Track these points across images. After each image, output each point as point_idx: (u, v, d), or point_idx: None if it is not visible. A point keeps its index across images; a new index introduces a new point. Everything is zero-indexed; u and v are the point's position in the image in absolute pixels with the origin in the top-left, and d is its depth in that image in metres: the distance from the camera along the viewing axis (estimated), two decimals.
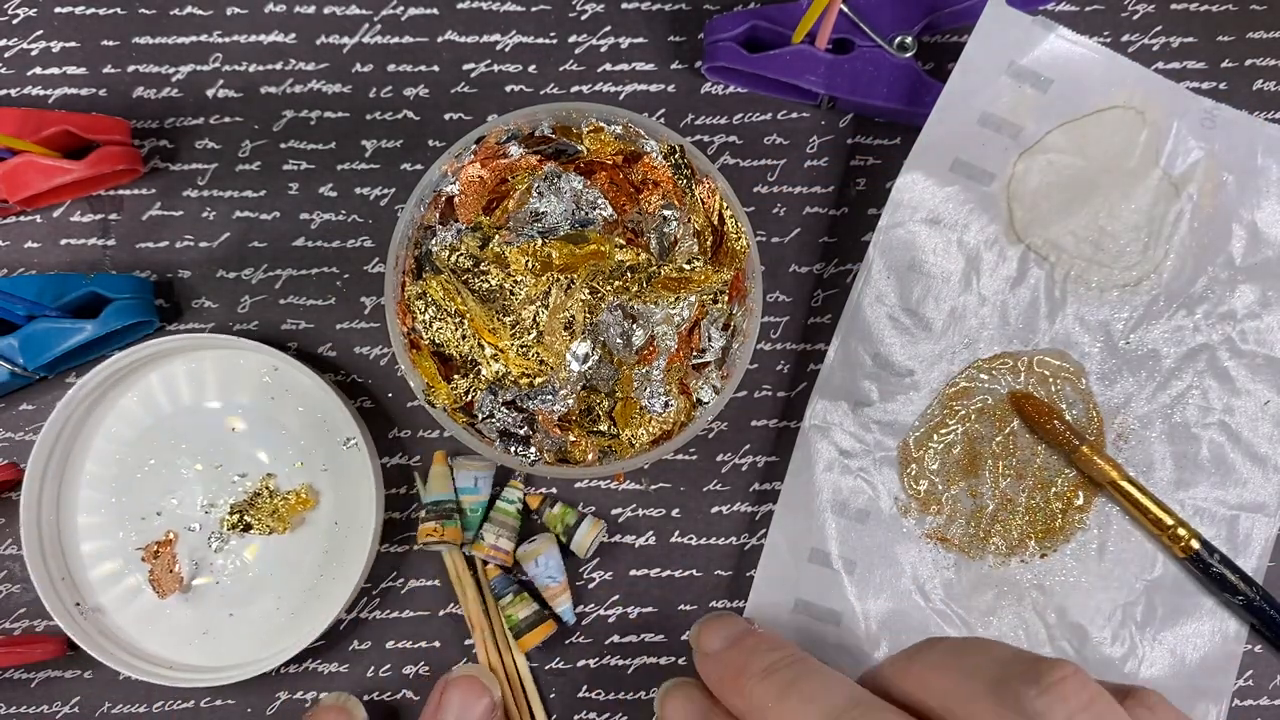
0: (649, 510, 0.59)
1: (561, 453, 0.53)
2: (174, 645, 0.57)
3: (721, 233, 0.53)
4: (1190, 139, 0.57)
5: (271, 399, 0.58)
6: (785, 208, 0.61)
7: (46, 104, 0.60)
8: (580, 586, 0.59)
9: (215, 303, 0.60)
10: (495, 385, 0.52)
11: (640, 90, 0.61)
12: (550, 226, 0.52)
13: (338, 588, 0.57)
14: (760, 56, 0.57)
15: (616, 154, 0.54)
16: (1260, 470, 0.58)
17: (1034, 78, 0.56)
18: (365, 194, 0.60)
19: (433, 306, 0.51)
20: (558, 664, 0.59)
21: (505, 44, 0.61)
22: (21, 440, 0.59)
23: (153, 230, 0.60)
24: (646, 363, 0.53)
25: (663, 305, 0.52)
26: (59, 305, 0.56)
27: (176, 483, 0.58)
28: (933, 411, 0.58)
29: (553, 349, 0.50)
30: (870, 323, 0.57)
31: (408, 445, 0.60)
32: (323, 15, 0.61)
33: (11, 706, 0.58)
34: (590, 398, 0.53)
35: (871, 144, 0.61)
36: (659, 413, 0.52)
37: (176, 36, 0.61)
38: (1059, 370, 0.58)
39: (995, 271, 0.58)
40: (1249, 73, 0.62)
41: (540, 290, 0.50)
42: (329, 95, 0.61)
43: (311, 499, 0.58)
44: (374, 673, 0.58)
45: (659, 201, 0.53)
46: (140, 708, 0.58)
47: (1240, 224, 0.58)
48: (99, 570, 0.58)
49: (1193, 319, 0.58)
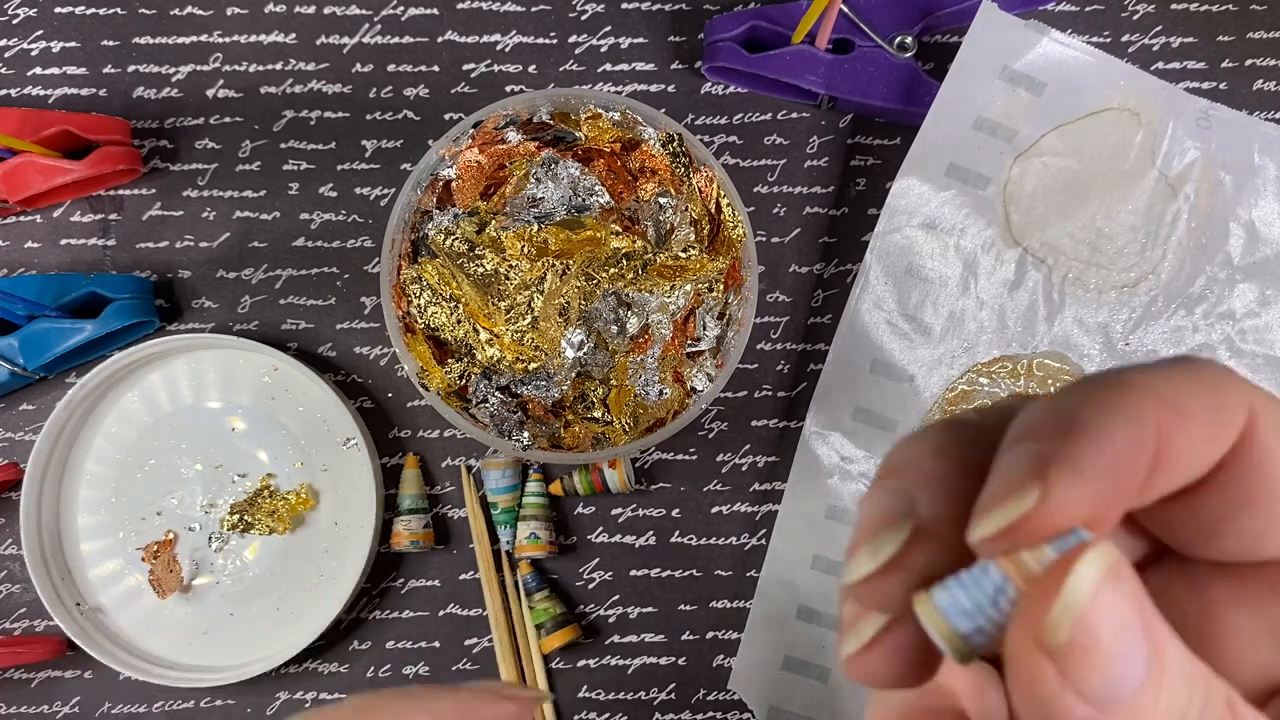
0: (649, 510, 0.59)
1: (555, 438, 0.53)
2: (174, 645, 0.57)
3: (718, 221, 0.53)
4: (1186, 139, 0.57)
5: (271, 399, 0.58)
6: (785, 208, 0.61)
7: (46, 104, 0.60)
8: (580, 587, 0.59)
9: (215, 303, 0.60)
10: (490, 370, 0.52)
11: (640, 90, 0.61)
12: (547, 212, 0.53)
13: (338, 588, 0.57)
14: (760, 56, 0.57)
15: (614, 141, 0.54)
16: None
17: (1028, 81, 0.57)
18: (365, 194, 0.61)
19: (428, 290, 0.51)
20: (558, 664, 0.59)
21: (505, 44, 0.61)
22: (21, 440, 0.59)
23: (153, 230, 0.60)
24: (641, 350, 0.53)
25: (658, 293, 0.52)
26: (59, 305, 0.56)
27: (176, 483, 0.58)
28: (933, 416, 0.58)
29: (547, 335, 0.50)
30: (869, 328, 0.57)
31: (408, 445, 0.60)
32: (323, 15, 0.61)
33: (11, 706, 0.58)
34: (584, 384, 0.53)
35: (871, 144, 0.62)
36: (653, 400, 0.52)
37: (176, 36, 0.61)
38: (1059, 373, 0.58)
39: (993, 275, 0.58)
40: (1249, 73, 0.62)
41: (536, 275, 0.50)
42: (329, 95, 0.61)
43: (311, 499, 0.58)
44: (374, 673, 0.58)
45: (655, 189, 0.53)
46: (140, 708, 0.58)
47: (1238, 223, 0.58)
48: (99, 570, 0.58)
49: (1192, 319, 0.58)
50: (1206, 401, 0.16)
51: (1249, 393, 0.16)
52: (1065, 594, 0.14)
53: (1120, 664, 0.14)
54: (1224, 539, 0.17)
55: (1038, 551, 0.15)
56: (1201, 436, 0.16)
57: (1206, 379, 0.16)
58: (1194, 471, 0.16)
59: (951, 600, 0.15)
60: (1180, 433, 0.15)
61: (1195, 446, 0.16)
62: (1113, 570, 0.14)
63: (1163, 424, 0.15)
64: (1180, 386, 0.16)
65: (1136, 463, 0.15)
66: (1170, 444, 0.15)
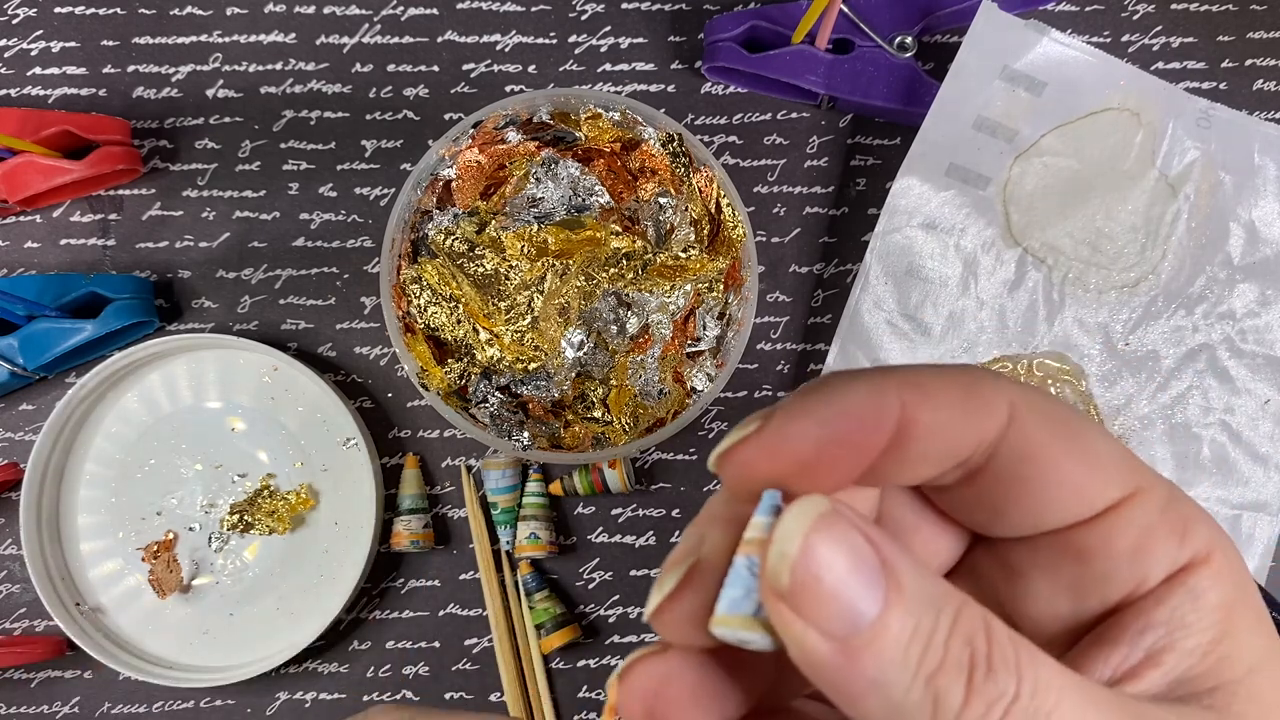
0: (649, 510, 0.59)
1: (555, 439, 0.53)
2: (174, 645, 0.57)
3: (718, 221, 0.53)
4: (1186, 139, 0.57)
5: (271, 399, 0.58)
6: (785, 208, 0.61)
7: (46, 104, 0.60)
8: (580, 587, 0.59)
9: (215, 303, 0.60)
10: (490, 370, 0.52)
11: (640, 90, 0.61)
12: (547, 212, 0.53)
13: (338, 588, 0.57)
14: (760, 56, 0.57)
15: (614, 141, 0.54)
16: (1261, 469, 0.58)
17: (1028, 81, 0.57)
18: (365, 194, 0.61)
19: (428, 290, 0.51)
20: (558, 664, 0.59)
21: (505, 44, 0.61)
22: (21, 440, 0.59)
23: (153, 230, 0.60)
24: (641, 350, 0.53)
25: (658, 293, 0.52)
26: (59, 305, 0.56)
27: (176, 483, 0.58)
28: None
29: (547, 335, 0.50)
30: (869, 329, 0.57)
31: (408, 445, 0.60)
32: (323, 15, 0.61)
33: (11, 706, 0.58)
34: (584, 384, 0.53)
35: (871, 144, 0.62)
36: (653, 400, 0.52)
37: (176, 36, 0.61)
38: (1059, 373, 0.58)
39: (993, 275, 0.58)
40: (1249, 73, 0.62)
41: (536, 275, 0.50)
42: (329, 95, 0.61)
43: (311, 499, 0.58)
44: (374, 673, 0.58)
45: (655, 189, 0.53)
46: (140, 708, 0.58)
47: (1238, 223, 0.58)
48: (99, 570, 0.58)
49: (1192, 319, 0.58)
50: (957, 392, 0.18)
51: (1010, 391, 0.18)
52: (774, 543, 0.16)
53: (848, 598, 0.16)
54: (1010, 517, 0.19)
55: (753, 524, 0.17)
56: (951, 419, 0.18)
57: (962, 377, 0.18)
58: (954, 451, 0.18)
59: (728, 600, 0.17)
60: (926, 411, 0.18)
61: (945, 426, 0.18)
62: (823, 517, 0.16)
63: (908, 401, 0.18)
64: (932, 377, 0.18)
65: (872, 425, 0.17)
66: (917, 420, 0.18)
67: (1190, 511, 0.19)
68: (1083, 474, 0.19)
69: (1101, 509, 0.19)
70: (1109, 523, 0.19)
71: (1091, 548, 0.19)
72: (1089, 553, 0.19)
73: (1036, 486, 0.19)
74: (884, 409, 0.18)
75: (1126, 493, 0.19)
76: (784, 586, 0.16)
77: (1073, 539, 0.19)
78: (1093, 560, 0.19)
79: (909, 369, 0.18)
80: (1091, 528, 0.19)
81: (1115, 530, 0.19)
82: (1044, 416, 0.19)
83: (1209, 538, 0.19)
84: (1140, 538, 0.19)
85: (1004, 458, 0.19)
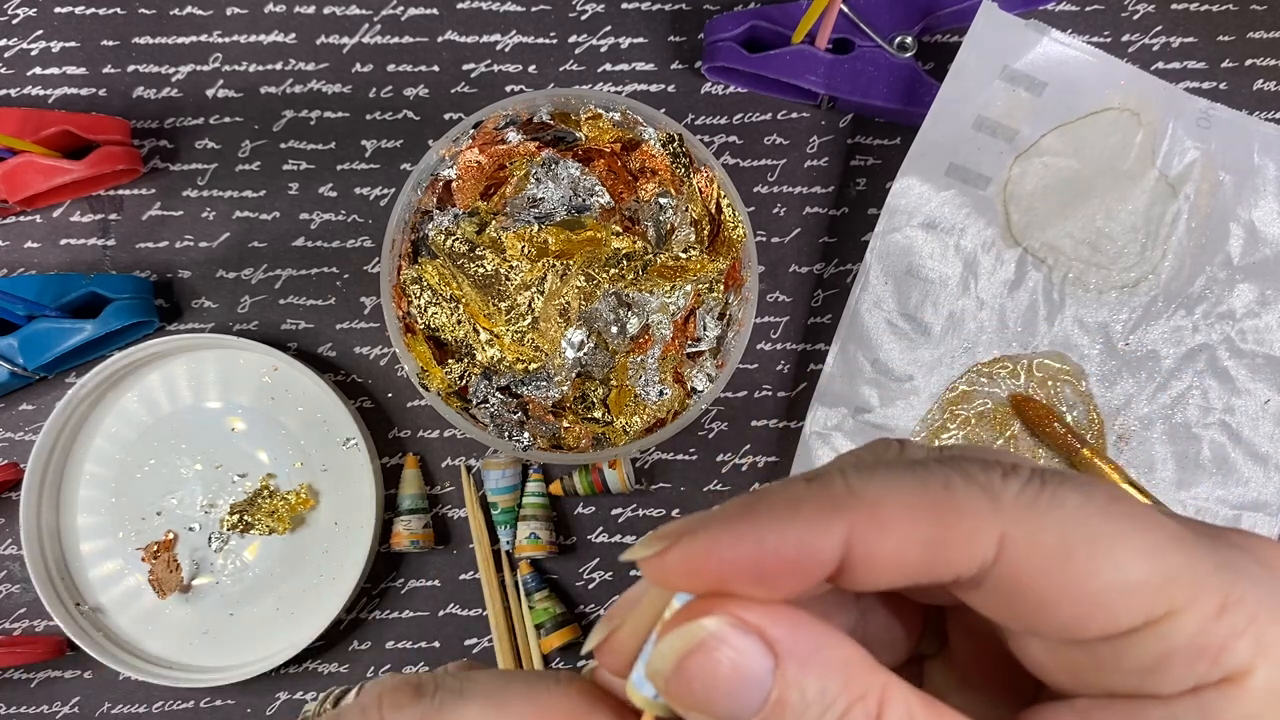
0: (649, 510, 0.59)
1: (555, 439, 0.53)
2: (174, 645, 0.57)
3: (718, 221, 0.53)
4: (1186, 139, 0.57)
5: (271, 399, 0.58)
6: (785, 208, 0.61)
7: (46, 104, 0.60)
8: (580, 587, 0.59)
9: (215, 303, 0.60)
10: (490, 370, 0.52)
11: (640, 90, 0.61)
12: (547, 212, 0.53)
13: (338, 588, 0.57)
14: (760, 56, 0.57)
15: (614, 141, 0.54)
16: (1261, 469, 0.58)
17: (1028, 81, 0.57)
18: (365, 194, 0.61)
19: (428, 290, 0.51)
20: (558, 664, 0.59)
21: (505, 44, 0.61)
22: (21, 440, 0.59)
23: (153, 230, 0.60)
24: (641, 351, 0.53)
25: (658, 293, 0.52)
26: (59, 305, 0.56)
27: (176, 483, 0.58)
28: (933, 416, 0.58)
29: (547, 335, 0.50)
30: (869, 328, 0.57)
31: (408, 445, 0.60)
32: (323, 15, 0.61)
33: (11, 706, 0.58)
34: (584, 385, 0.53)
35: (871, 144, 0.62)
36: (653, 401, 0.52)
37: (176, 36, 0.61)
38: (1059, 373, 0.58)
39: (993, 275, 0.58)
40: (1249, 73, 0.62)
41: (536, 276, 0.50)
42: (329, 95, 0.61)
43: (311, 499, 0.58)
44: (373, 673, 0.58)
45: (655, 189, 0.53)
46: (140, 708, 0.58)
47: (1238, 223, 0.58)
48: (99, 570, 0.58)
49: (1192, 319, 0.58)
50: (923, 525, 0.17)
51: (1007, 517, 0.17)
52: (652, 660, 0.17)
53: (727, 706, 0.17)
54: (1007, 618, 0.18)
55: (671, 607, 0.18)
56: (909, 556, 0.17)
57: (939, 500, 0.17)
58: (916, 580, 0.18)
59: (639, 675, 0.18)
60: (878, 546, 0.17)
61: (904, 564, 0.17)
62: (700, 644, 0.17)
63: (858, 535, 0.17)
64: (894, 504, 0.17)
65: (807, 559, 0.17)
66: (868, 556, 0.17)
67: (1240, 623, 0.17)
68: (1086, 610, 0.17)
69: (1113, 634, 0.17)
70: (1125, 640, 0.17)
71: (1102, 658, 0.18)
72: (1099, 659, 0.18)
73: (1032, 613, 0.18)
74: (821, 545, 0.17)
75: (1151, 618, 0.17)
76: (665, 692, 0.17)
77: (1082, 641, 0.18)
78: (1101, 667, 0.18)
79: (873, 482, 0.17)
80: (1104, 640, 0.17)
81: (1128, 648, 0.17)
82: (1047, 549, 0.17)
83: (1255, 650, 0.17)
84: (1158, 660, 0.17)
85: (994, 582, 0.17)
